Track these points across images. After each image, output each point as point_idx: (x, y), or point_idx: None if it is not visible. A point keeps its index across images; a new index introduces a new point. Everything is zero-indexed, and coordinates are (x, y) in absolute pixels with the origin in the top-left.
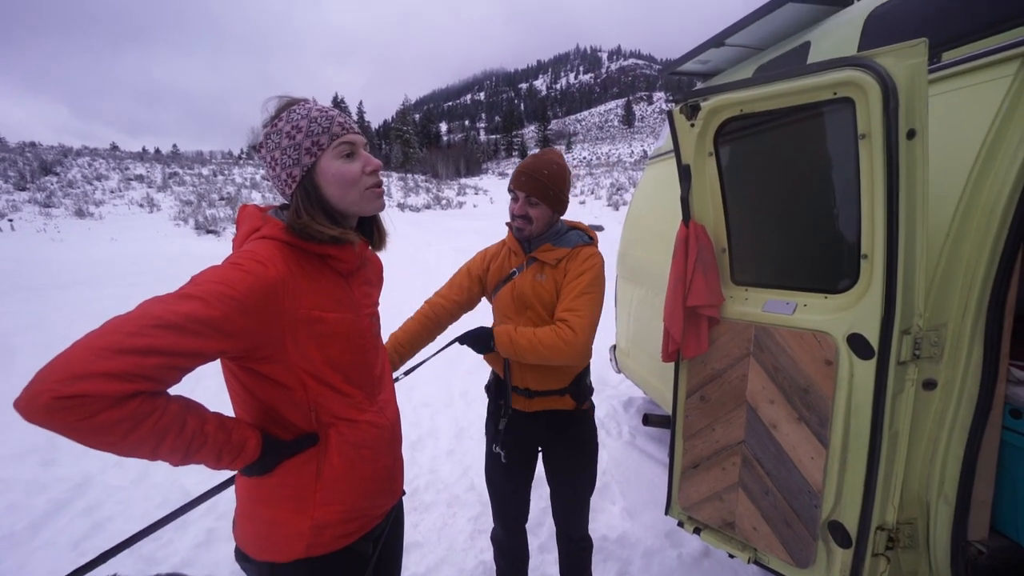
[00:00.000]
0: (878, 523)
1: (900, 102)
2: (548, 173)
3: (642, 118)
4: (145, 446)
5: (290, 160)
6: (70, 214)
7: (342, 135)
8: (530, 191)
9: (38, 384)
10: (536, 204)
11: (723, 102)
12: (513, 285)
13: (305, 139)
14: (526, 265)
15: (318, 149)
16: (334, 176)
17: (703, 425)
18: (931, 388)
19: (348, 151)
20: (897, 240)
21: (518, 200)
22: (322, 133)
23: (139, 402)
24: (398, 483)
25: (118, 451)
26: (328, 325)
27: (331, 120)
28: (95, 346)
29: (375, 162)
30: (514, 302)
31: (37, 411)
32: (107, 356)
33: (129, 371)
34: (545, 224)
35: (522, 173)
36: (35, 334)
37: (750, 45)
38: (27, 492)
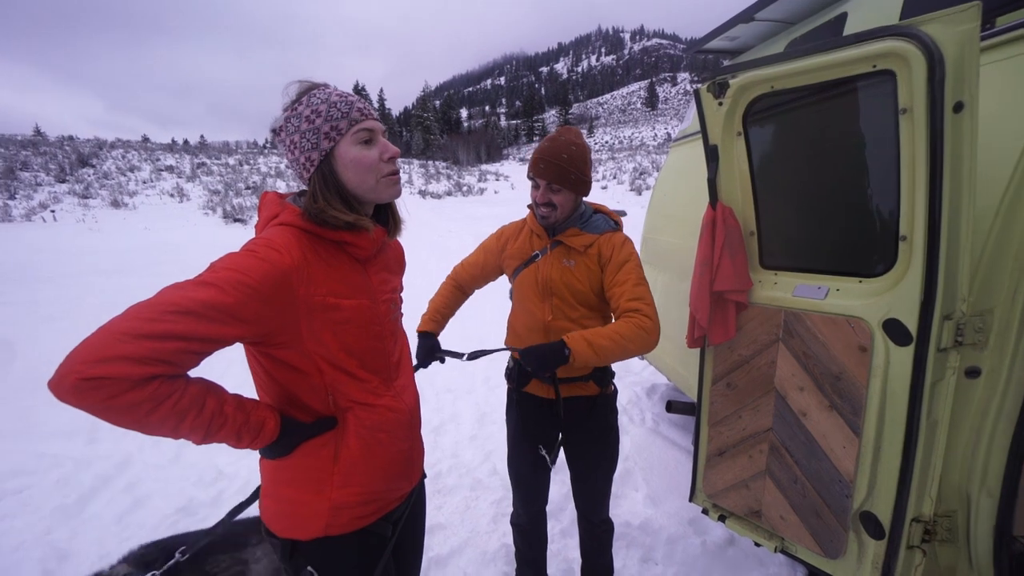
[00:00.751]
0: (914, 515)
1: (947, 72)
2: (568, 156)
3: (666, 100)
4: (166, 425)
5: (309, 144)
6: (106, 204)
7: (361, 121)
8: (551, 178)
9: (65, 366)
10: (558, 190)
11: (753, 79)
12: (536, 268)
13: (324, 123)
14: (550, 248)
15: (337, 134)
16: (352, 162)
17: (729, 412)
18: (974, 376)
19: (367, 137)
20: (939, 221)
21: (539, 187)
22: (341, 118)
23: (158, 384)
24: (416, 467)
25: (142, 430)
26: (344, 312)
27: (351, 105)
28: (116, 331)
29: (393, 149)
30: (538, 287)
31: (65, 391)
32: (127, 341)
33: (148, 355)
34: (571, 208)
35: (540, 160)
36: (74, 319)
37: (781, 19)
38: (75, 468)
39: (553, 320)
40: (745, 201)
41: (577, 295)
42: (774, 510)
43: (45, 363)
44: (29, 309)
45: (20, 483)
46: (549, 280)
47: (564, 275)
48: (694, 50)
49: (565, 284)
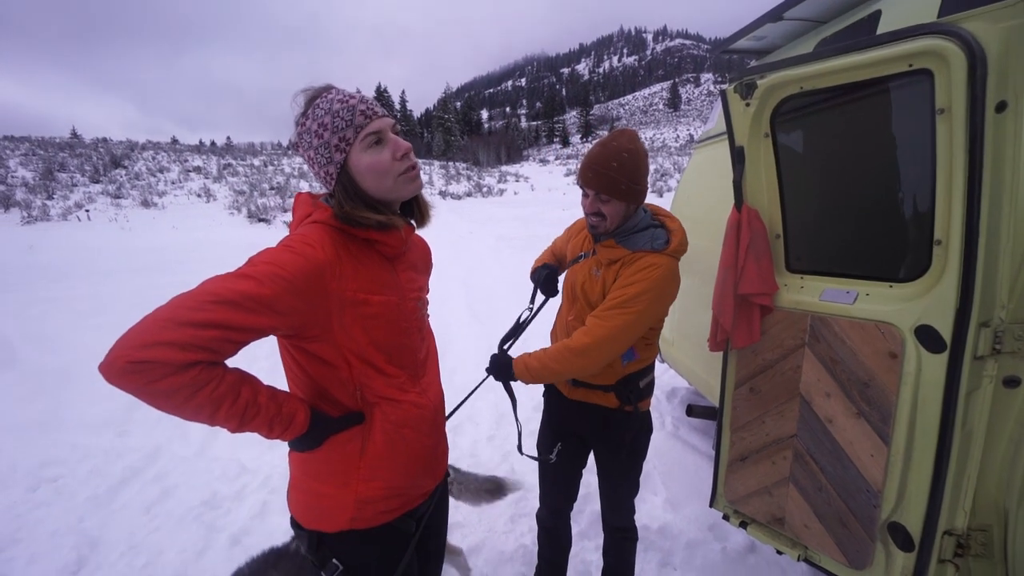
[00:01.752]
0: (946, 527)
1: (990, 71)
2: (618, 165)
3: (688, 101)
4: (204, 411)
5: (324, 159)
6: (137, 204)
7: (366, 125)
8: (599, 187)
9: (115, 351)
10: (607, 200)
11: (782, 79)
12: (575, 270)
13: (332, 137)
14: (591, 253)
15: (346, 144)
16: (366, 168)
17: (752, 417)
18: (1014, 386)
19: (376, 139)
20: (978, 224)
21: (588, 196)
22: (347, 127)
23: (198, 371)
24: (441, 464)
25: (180, 414)
26: (373, 307)
27: (352, 111)
28: (161, 318)
29: (404, 145)
30: (570, 288)
31: (114, 374)
32: (171, 327)
33: (189, 341)
34: (621, 218)
35: (589, 168)
36: (107, 315)
37: (811, 18)
38: (106, 459)
39: (573, 320)
40: (771, 204)
41: (592, 305)
42: (797, 518)
43: (79, 358)
44: (64, 305)
45: (55, 472)
46: (575, 284)
47: (588, 283)
48: (719, 50)
49: (584, 292)
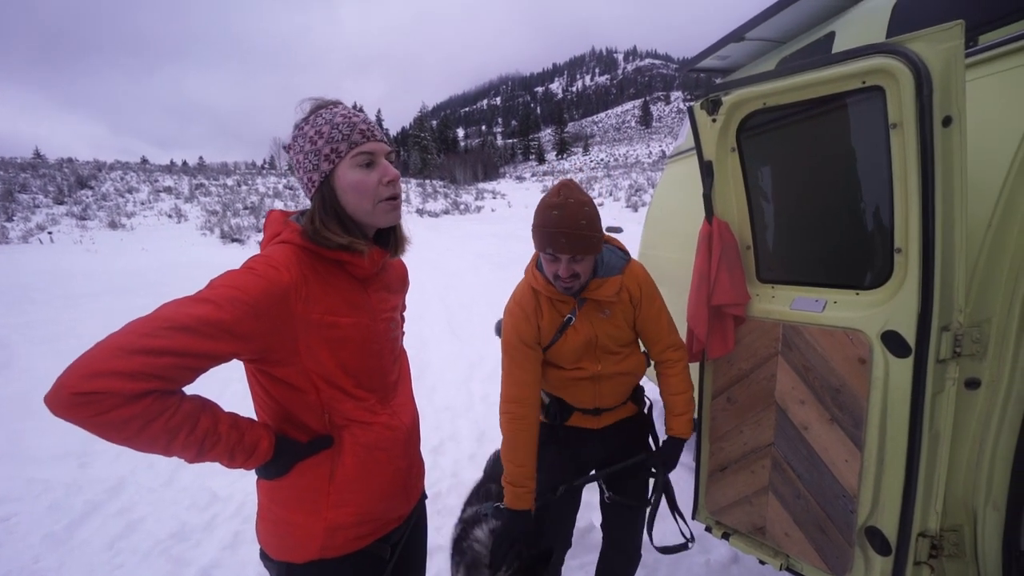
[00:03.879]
0: (920, 530)
1: (934, 88)
2: (587, 222)
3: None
4: (158, 443)
5: (310, 165)
6: (104, 226)
7: (361, 143)
8: (577, 251)
9: (61, 381)
10: (582, 259)
11: (745, 96)
12: (575, 332)
13: (325, 145)
14: (578, 308)
15: (336, 157)
16: (349, 185)
17: (730, 427)
18: (974, 387)
19: (367, 161)
20: (933, 232)
21: (560, 261)
22: (342, 140)
23: (151, 401)
24: (415, 487)
25: (134, 446)
26: (341, 330)
27: (352, 127)
28: (111, 346)
29: (392, 172)
30: (586, 348)
31: (59, 406)
32: (121, 356)
33: (141, 370)
34: (591, 268)
35: (559, 234)
36: (68, 341)
37: (771, 38)
38: (66, 493)
39: (603, 368)
40: (741, 216)
41: (619, 341)
42: (778, 526)
43: (37, 386)
44: (23, 331)
45: (8, 510)
46: (592, 338)
47: (605, 327)
48: (687, 69)
49: (609, 337)
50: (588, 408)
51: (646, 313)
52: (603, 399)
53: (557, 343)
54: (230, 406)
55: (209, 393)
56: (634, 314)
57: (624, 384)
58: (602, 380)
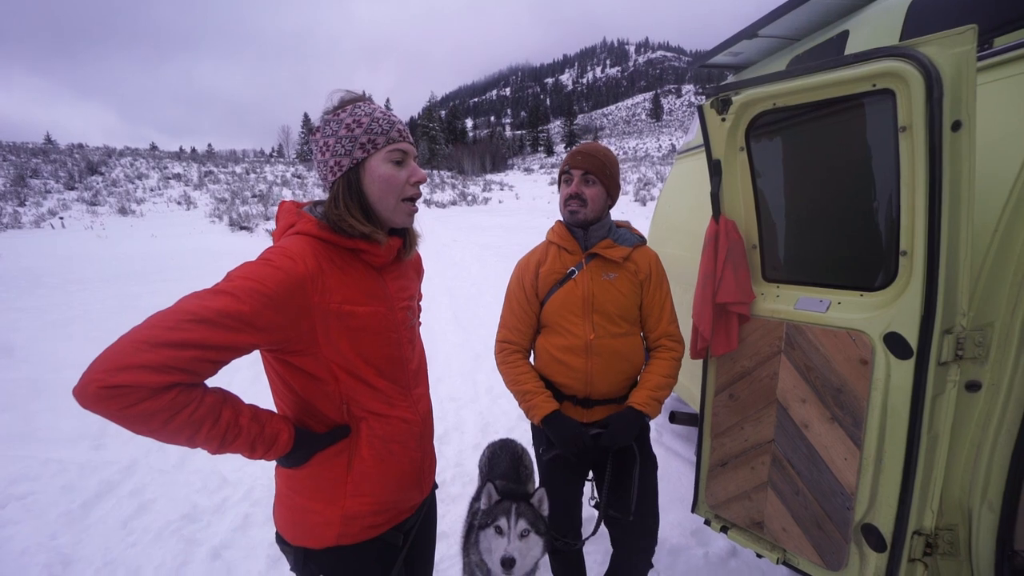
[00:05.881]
0: (915, 528)
1: (945, 92)
2: (604, 154)
3: (670, 111)
4: (182, 434)
5: (343, 149)
6: (114, 212)
7: (398, 141)
8: (588, 167)
9: (88, 375)
10: (593, 183)
11: (755, 96)
12: (575, 285)
13: (363, 134)
14: (584, 263)
15: (373, 147)
16: (380, 177)
17: (732, 423)
18: (975, 390)
19: (399, 158)
20: (939, 236)
21: (572, 181)
22: (380, 134)
23: (176, 393)
24: (428, 477)
25: (159, 438)
26: (360, 319)
27: (391, 124)
28: (136, 340)
29: (421, 174)
30: (582, 304)
31: (87, 399)
32: (146, 349)
33: (166, 363)
34: (600, 208)
35: (578, 152)
36: (80, 325)
37: (784, 36)
38: (80, 474)
39: (596, 339)
40: (748, 215)
41: (621, 309)
42: (776, 521)
43: (50, 369)
44: (36, 315)
45: (25, 489)
46: (591, 296)
47: (607, 289)
48: (699, 65)
49: (610, 299)
50: (579, 396)
51: (651, 296)
52: (594, 383)
53: (555, 294)
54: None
55: (218, 381)
56: (640, 292)
57: (618, 370)
58: (594, 354)
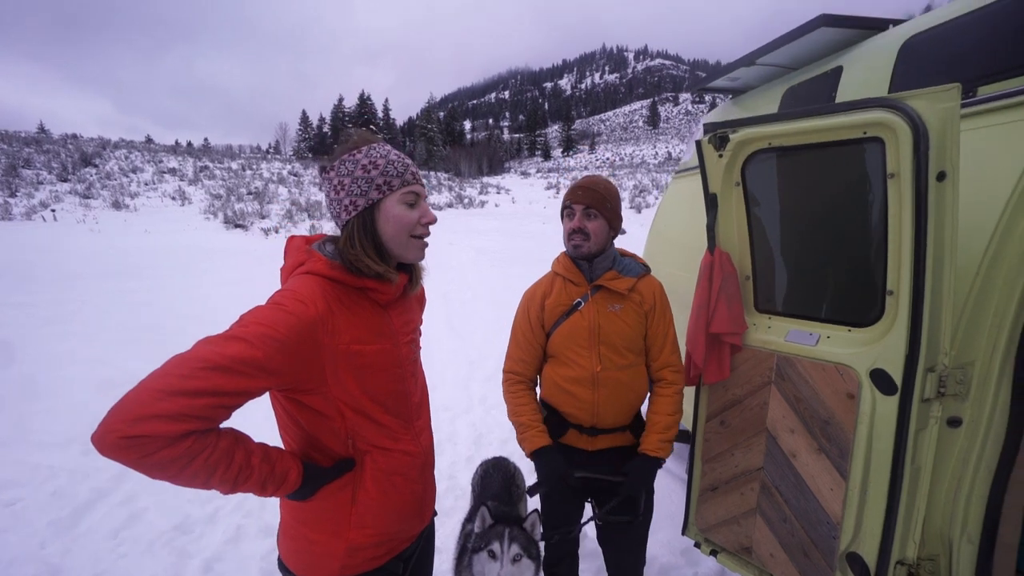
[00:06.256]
0: (898, 558)
1: (931, 144)
2: (604, 187)
3: (667, 119)
4: (198, 479)
5: (358, 189)
6: (107, 205)
7: (412, 183)
8: (589, 202)
9: (107, 425)
10: (595, 217)
11: (752, 135)
12: (581, 317)
13: (379, 176)
14: (590, 295)
15: (388, 189)
16: (394, 217)
17: (722, 449)
18: (956, 426)
19: (412, 200)
20: (924, 279)
21: (574, 215)
22: (396, 176)
23: (192, 441)
24: (428, 507)
25: (176, 482)
26: (367, 357)
27: (406, 167)
28: (153, 388)
29: (431, 215)
30: (588, 335)
31: (107, 448)
32: (162, 398)
33: (182, 412)
34: (603, 241)
35: (578, 187)
36: (73, 322)
37: (781, 65)
38: (71, 480)
39: (603, 371)
40: (742, 247)
41: (627, 341)
42: (764, 547)
43: (44, 367)
44: (27, 311)
45: (13, 495)
46: (597, 328)
47: (613, 321)
48: (698, 88)
49: (616, 331)
50: (585, 425)
51: (656, 326)
52: (600, 414)
53: (561, 326)
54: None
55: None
56: (645, 323)
57: (624, 400)
58: (601, 386)
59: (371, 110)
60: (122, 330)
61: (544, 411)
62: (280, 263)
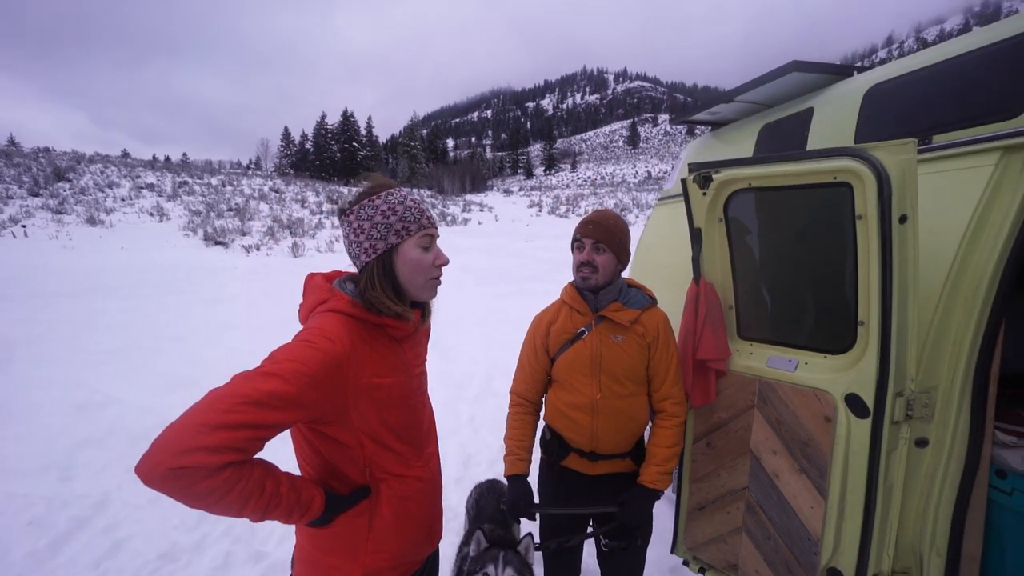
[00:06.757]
0: (874, 571)
1: (893, 191)
2: (614, 222)
3: (647, 139)
4: (232, 508)
5: (378, 234)
6: (82, 221)
7: (428, 228)
8: (599, 236)
9: (153, 457)
10: (603, 251)
11: (733, 176)
12: (584, 345)
13: (398, 221)
14: (594, 324)
15: (406, 234)
16: (411, 261)
17: (709, 470)
18: (923, 446)
19: (428, 244)
20: (891, 310)
21: (584, 248)
22: (413, 221)
23: (231, 472)
24: (438, 531)
25: (212, 511)
26: (385, 390)
27: (422, 213)
28: (196, 423)
29: (444, 258)
30: (591, 364)
31: (154, 480)
32: (206, 432)
33: (223, 444)
34: (611, 274)
35: (588, 222)
36: (48, 343)
37: (758, 102)
38: (48, 509)
39: (602, 399)
40: (725, 278)
41: (628, 371)
42: (750, 564)
43: (15, 391)
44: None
45: None
46: (599, 357)
47: (614, 351)
48: (681, 120)
49: (617, 361)
50: (585, 450)
51: (658, 358)
52: (600, 440)
53: (565, 353)
54: None
55: None
56: (647, 354)
57: (623, 429)
58: (600, 413)
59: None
60: (98, 351)
61: (548, 434)
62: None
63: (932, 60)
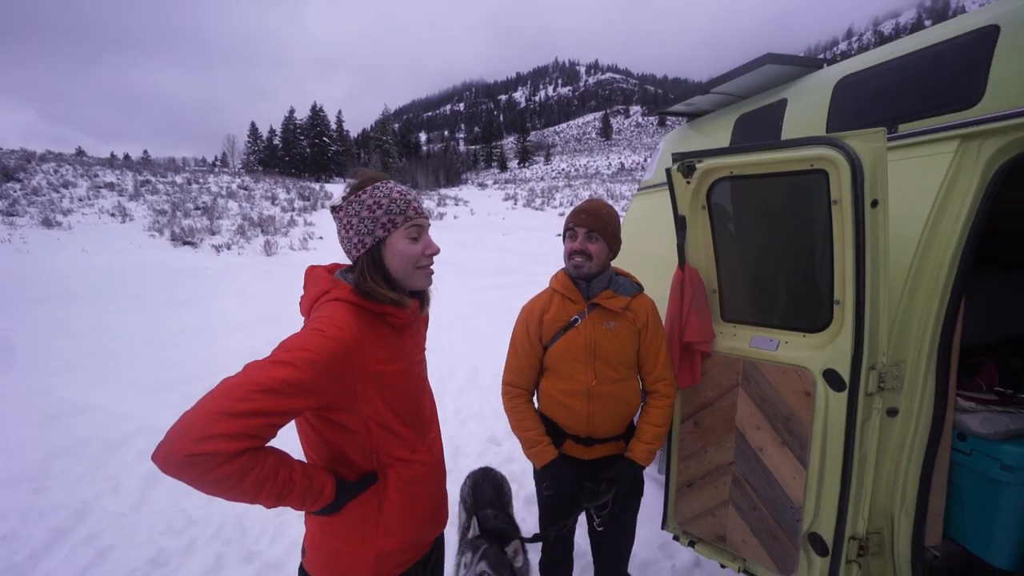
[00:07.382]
0: (851, 533)
1: (865, 177)
2: (607, 212)
3: (619, 131)
4: (248, 494)
5: (365, 229)
6: (36, 223)
7: (415, 219)
8: (592, 226)
9: (171, 444)
10: (596, 240)
11: (716, 165)
12: (578, 333)
13: (384, 215)
14: (587, 312)
15: (392, 226)
16: (399, 252)
17: (697, 448)
18: (894, 415)
19: (416, 234)
20: (864, 289)
21: (576, 237)
22: (399, 213)
23: (247, 458)
24: (444, 513)
25: (228, 498)
26: (388, 376)
27: (408, 204)
28: (212, 411)
29: (434, 247)
30: (585, 352)
31: (172, 466)
32: (222, 419)
33: (239, 431)
34: (603, 262)
35: (582, 211)
36: (7, 353)
37: (733, 94)
38: (23, 521)
39: (597, 385)
40: (708, 264)
41: (621, 356)
42: (737, 534)
43: None
44: None
45: None
46: (593, 344)
47: (608, 338)
48: (658, 112)
49: (610, 347)
50: (580, 436)
51: (648, 342)
52: (596, 425)
53: (559, 341)
54: None
55: None
56: (638, 339)
57: (617, 413)
58: (595, 399)
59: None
60: (64, 358)
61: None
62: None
63: (897, 54)
